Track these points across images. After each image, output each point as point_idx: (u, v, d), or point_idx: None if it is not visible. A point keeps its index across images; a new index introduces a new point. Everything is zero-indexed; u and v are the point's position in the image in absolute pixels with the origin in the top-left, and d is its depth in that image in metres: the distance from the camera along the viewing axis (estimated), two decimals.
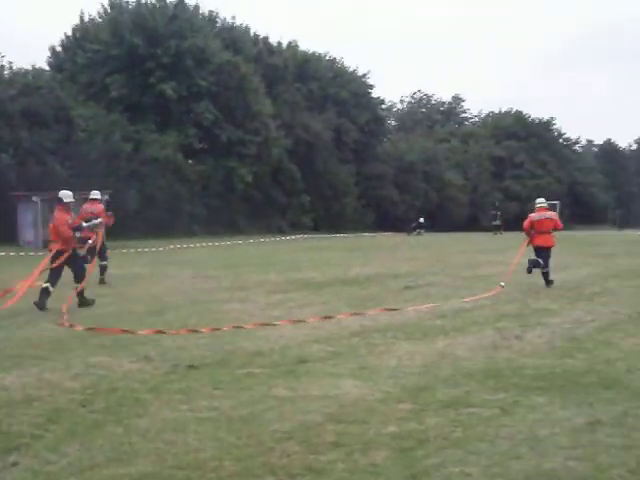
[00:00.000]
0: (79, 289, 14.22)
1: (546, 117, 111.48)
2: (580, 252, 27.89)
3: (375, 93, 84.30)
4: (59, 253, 14.22)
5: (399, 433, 5.94)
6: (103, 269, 18.31)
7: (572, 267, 21.01)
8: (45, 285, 13.93)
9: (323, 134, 68.89)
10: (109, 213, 18.48)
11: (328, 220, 67.71)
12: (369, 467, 5.21)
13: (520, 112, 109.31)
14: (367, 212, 75.89)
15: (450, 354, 9.11)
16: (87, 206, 18.30)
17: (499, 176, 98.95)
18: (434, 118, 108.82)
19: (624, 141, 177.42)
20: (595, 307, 12.94)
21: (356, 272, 20.55)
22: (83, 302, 14.15)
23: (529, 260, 17.18)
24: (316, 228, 64.42)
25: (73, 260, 14.44)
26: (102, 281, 18.00)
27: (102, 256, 18.15)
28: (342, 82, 77.77)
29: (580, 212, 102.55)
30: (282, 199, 64.20)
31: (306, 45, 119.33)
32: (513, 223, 57.78)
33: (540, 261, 17.00)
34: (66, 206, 14.55)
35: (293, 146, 64.99)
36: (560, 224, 17.95)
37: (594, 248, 30.96)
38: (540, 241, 17.44)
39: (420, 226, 60.37)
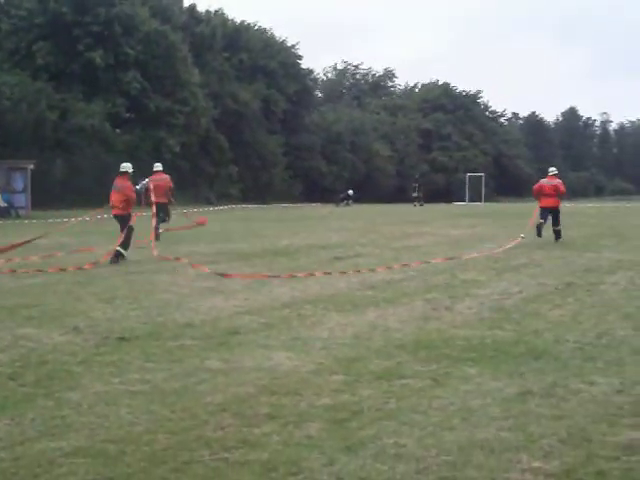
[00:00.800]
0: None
1: (473, 90, 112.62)
2: (506, 224, 28.28)
3: (304, 64, 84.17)
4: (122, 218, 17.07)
5: (333, 405, 5.95)
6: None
7: (499, 238, 21.27)
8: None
9: (252, 104, 68.58)
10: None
11: (256, 191, 67.47)
12: (304, 439, 5.20)
13: (447, 84, 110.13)
14: (295, 183, 75.87)
15: (381, 325, 9.15)
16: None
17: (426, 148, 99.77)
18: (361, 88, 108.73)
19: (549, 114, 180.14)
20: (522, 278, 13.10)
21: (285, 243, 20.53)
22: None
23: (536, 226, 20.43)
24: (244, 199, 64.09)
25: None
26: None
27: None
28: (272, 52, 77.36)
29: (506, 184, 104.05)
30: (210, 169, 63.79)
31: (235, 15, 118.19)
32: (440, 194, 58.51)
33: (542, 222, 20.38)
34: (128, 175, 17.21)
35: (221, 116, 64.56)
36: (563, 189, 21.37)
37: (519, 220, 31.37)
38: (547, 202, 20.66)
39: (348, 197, 60.54)
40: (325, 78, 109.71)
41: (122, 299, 11.24)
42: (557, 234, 20.39)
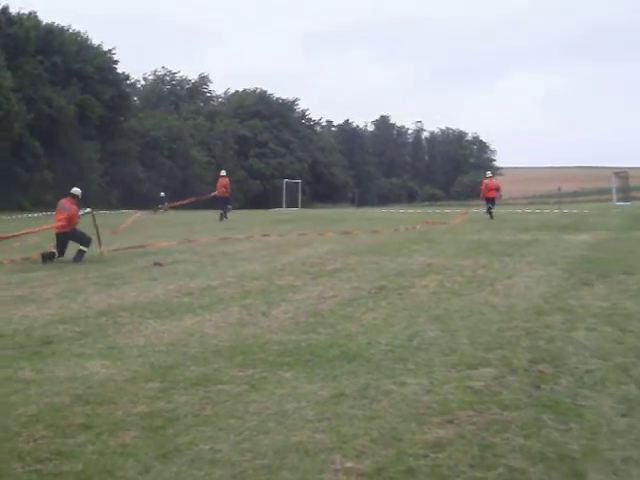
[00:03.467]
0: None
1: (290, 97, 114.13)
2: (321, 229, 28.75)
3: (120, 69, 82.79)
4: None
5: (149, 412, 5.89)
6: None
7: (315, 244, 21.61)
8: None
9: (67, 109, 66.76)
10: None
11: None
12: (119, 448, 5.13)
13: (264, 91, 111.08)
14: (112, 189, 74.45)
15: (198, 331, 9.13)
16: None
17: (243, 154, 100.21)
18: (179, 95, 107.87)
19: (362, 122, 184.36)
20: (337, 283, 13.34)
21: (102, 250, 20.09)
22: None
23: (487, 207, 35.89)
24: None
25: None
26: None
27: None
28: (87, 57, 75.61)
29: (321, 190, 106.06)
30: (24, 175, 61.63)
31: (49, 18, 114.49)
32: (257, 200, 58.86)
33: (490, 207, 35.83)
34: (77, 199, 19.04)
35: (35, 121, 62.49)
36: (498, 185, 37.99)
37: (335, 225, 31.98)
38: (490, 194, 36.48)
39: (162, 201, 60.01)
40: (145, 84, 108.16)
41: None
42: (491, 215, 34.89)
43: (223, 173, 42.13)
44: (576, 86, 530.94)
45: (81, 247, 18.15)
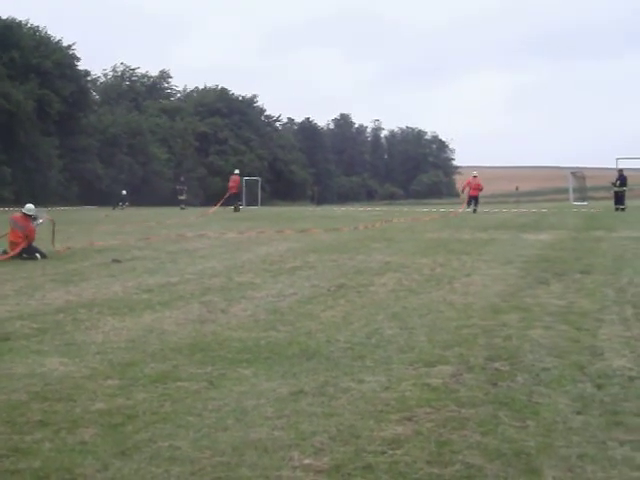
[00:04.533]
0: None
1: (249, 94, 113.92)
2: (281, 227, 28.76)
3: (81, 65, 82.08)
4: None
5: (107, 409, 5.88)
6: None
7: (274, 241, 21.63)
8: None
9: (25, 104, 66.02)
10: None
11: (31, 193, 64.72)
12: (77, 445, 5.11)
13: (224, 89, 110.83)
14: (71, 185, 73.84)
15: (157, 328, 9.11)
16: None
17: (204, 151, 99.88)
18: (138, 91, 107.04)
19: (322, 120, 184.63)
20: (296, 280, 13.37)
21: (59, 246, 19.91)
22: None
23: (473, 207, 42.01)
24: (18, 201, 61.45)
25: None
26: None
27: None
28: (46, 52, 74.83)
29: (281, 188, 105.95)
30: None
31: (6, 12, 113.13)
32: (217, 198, 58.43)
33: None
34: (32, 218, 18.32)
35: None
36: (483, 186, 44.14)
37: (294, 223, 32.00)
38: (474, 193, 43.02)
39: (123, 199, 59.72)
40: (104, 80, 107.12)
41: None
42: (475, 211, 41.24)
43: (237, 172, 51.04)
44: (536, 87, 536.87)
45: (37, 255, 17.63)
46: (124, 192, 61.54)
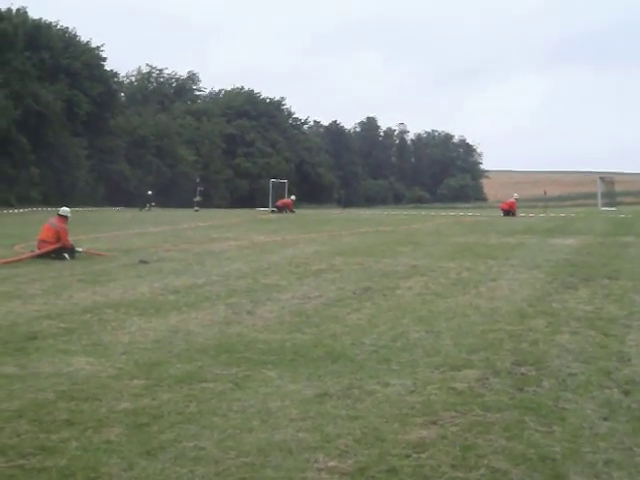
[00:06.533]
0: None
1: (277, 97, 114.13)
2: (308, 230, 28.76)
3: (109, 66, 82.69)
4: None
5: (133, 409, 5.90)
6: None
7: (300, 244, 21.64)
8: None
9: (54, 105, 66.55)
10: None
11: (59, 194, 65.32)
12: (103, 444, 5.13)
13: (252, 91, 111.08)
14: (99, 186, 74.34)
15: (183, 329, 9.13)
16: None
17: (231, 153, 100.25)
18: (166, 92, 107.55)
19: (349, 123, 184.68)
20: (322, 283, 13.36)
21: (87, 247, 20.03)
22: None
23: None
24: (46, 202, 62.02)
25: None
26: None
27: None
28: (75, 53, 75.52)
29: (308, 191, 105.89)
30: (10, 171, 61.38)
31: (37, 14, 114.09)
32: (244, 200, 58.84)
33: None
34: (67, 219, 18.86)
35: (22, 116, 62.24)
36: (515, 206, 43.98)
37: (321, 226, 32.03)
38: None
39: (149, 200, 60.02)
40: (129, 81, 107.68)
41: None
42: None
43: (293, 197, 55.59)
44: (567, 91, 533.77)
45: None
46: (150, 192, 61.89)
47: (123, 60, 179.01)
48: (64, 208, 19.49)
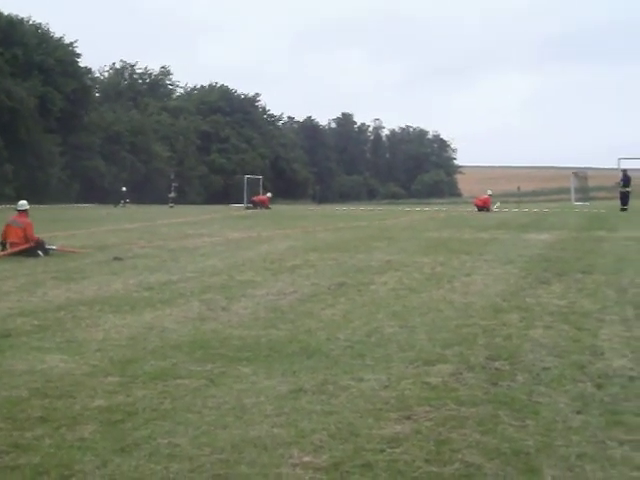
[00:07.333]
0: None
1: (252, 93, 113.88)
2: (283, 226, 28.75)
3: (85, 62, 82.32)
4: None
5: (107, 406, 5.87)
6: None
7: (275, 240, 21.64)
8: None
9: (27, 101, 66.09)
10: None
11: (32, 191, 64.71)
12: (77, 442, 5.10)
13: (226, 87, 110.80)
14: (73, 183, 73.89)
15: (158, 326, 9.10)
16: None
17: (205, 150, 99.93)
18: (138, 89, 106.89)
19: (324, 119, 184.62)
20: (296, 279, 13.36)
21: (61, 244, 19.91)
22: None
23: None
24: (19, 199, 61.27)
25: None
26: None
27: None
28: (48, 49, 74.95)
29: (283, 187, 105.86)
30: None
31: (9, 9, 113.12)
32: (218, 196, 58.73)
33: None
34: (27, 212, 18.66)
35: None
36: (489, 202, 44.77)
37: (296, 222, 32.02)
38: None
39: (124, 196, 59.79)
40: (102, 77, 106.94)
41: None
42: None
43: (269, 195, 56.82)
44: (540, 88, 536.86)
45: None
46: (124, 189, 61.65)
47: (102, 56, 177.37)
48: (21, 202, 19.31)
